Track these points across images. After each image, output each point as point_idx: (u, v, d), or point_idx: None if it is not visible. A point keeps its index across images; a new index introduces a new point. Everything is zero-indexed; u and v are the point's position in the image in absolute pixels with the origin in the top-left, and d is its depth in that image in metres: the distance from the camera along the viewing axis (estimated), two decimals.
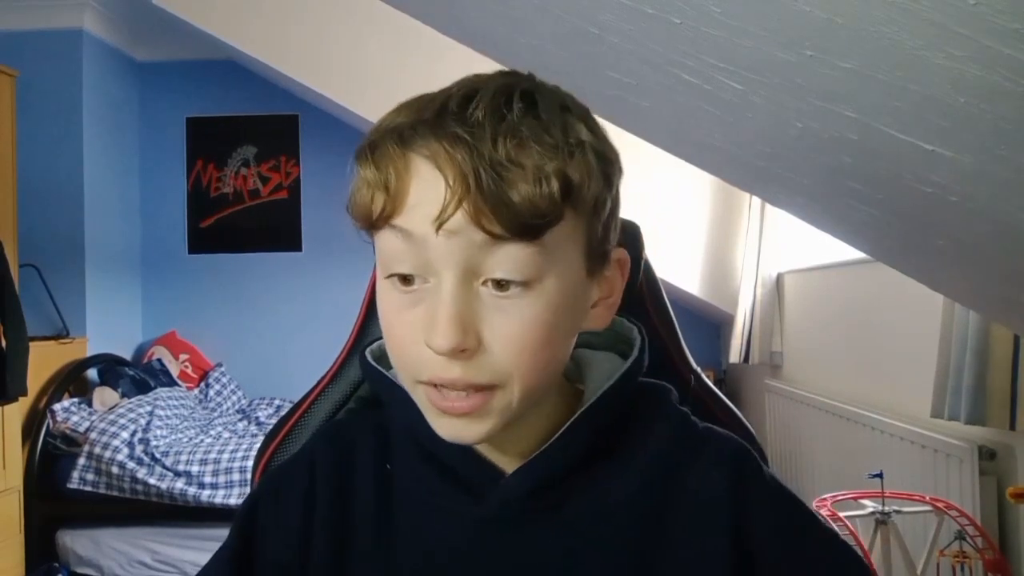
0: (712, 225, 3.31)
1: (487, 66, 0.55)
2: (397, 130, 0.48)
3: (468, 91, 0.48)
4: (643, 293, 0.73)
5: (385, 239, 0.49)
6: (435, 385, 0.49)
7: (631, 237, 0.72)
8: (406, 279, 0.49)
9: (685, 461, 0.56)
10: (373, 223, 0.49)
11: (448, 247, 0.46)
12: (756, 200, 3.02)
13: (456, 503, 0.55)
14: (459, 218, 0.45)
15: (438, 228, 0.46)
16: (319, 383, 0.73)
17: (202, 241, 4.09)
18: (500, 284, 0.47)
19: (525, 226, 0.46)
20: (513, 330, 0.48)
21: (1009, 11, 0.57)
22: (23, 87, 2.93)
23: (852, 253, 2.20)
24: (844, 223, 1.39)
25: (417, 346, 0.48)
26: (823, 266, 2.64)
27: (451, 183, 0.45)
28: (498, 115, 0.47)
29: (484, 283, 0.47)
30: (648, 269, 0.74)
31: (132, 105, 4.02)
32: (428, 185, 0.46)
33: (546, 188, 0.46)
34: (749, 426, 0.72)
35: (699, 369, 0.74)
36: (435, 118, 0.47)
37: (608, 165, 0.51)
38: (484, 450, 0.55)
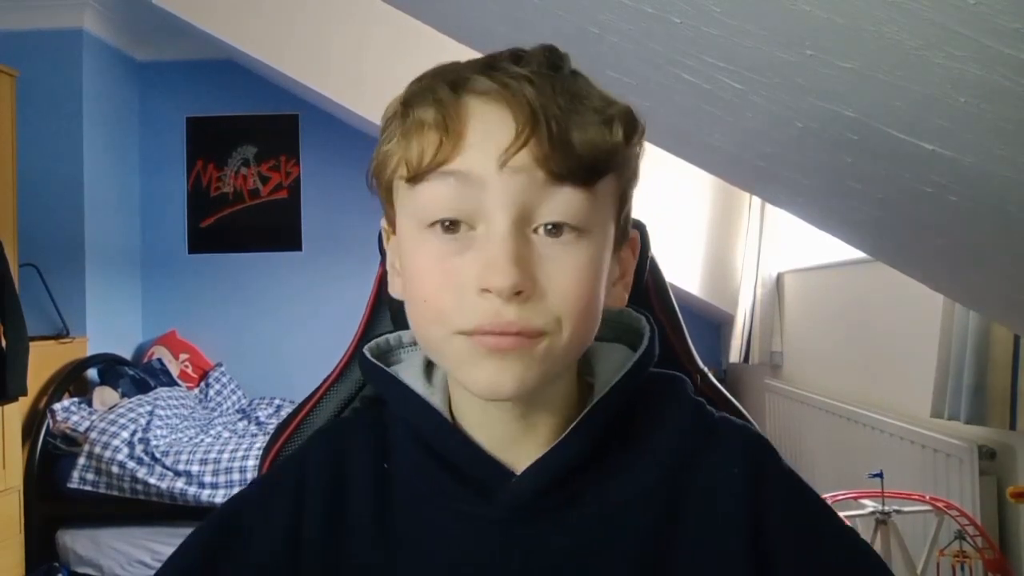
0: (712, 225, 3.31)
1: None
2: (446, 78, 0.48)
3: (512, 52, 0.49)
4: (649, 291, 0.73)
5: (430, 188, 0.48)
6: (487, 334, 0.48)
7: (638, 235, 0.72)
8: (452, 226, 0.48)
9: (700, 453, 0.54)
10: (421, 171, 0.47)
11: (508, 187, 0.46)
12: (756, 200, 3.02)
13: (464, 502, 0.53)
14: (524, 155, 0.46)
15: (503, 164, 0.46)
16: (324, 382, 0.72)
17: (202, 241, 4.09)
18: (554, 229, 0.48)
19: (586, 168, 0.47)
20: (567, 274, 0.48)
21: (1009, 11, 0.57)
22: (23, 87, 2.93)
23: (852, 253, 2.20)
24: (844, 223, 1.39)
25: (464, 294, 0.47)
26: (823, 266, 2.64)
27: (519, 120, 0.46)
28: (553, 67, 0.48)
29: (535, 230, 0.48)
30: (655, 268, 0.74)
31: (132, 105, 4.02)
32: (490, 123, 0.46)
33: (610, 130, 0.47)
34: (756, 427, 0.72)
35: (705, 368, 0.74)
36: (487, 68, 0.48)
37: (642, 137, 0.52)
38: (493, 448, 0.53)
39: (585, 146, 0.46)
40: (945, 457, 1.80)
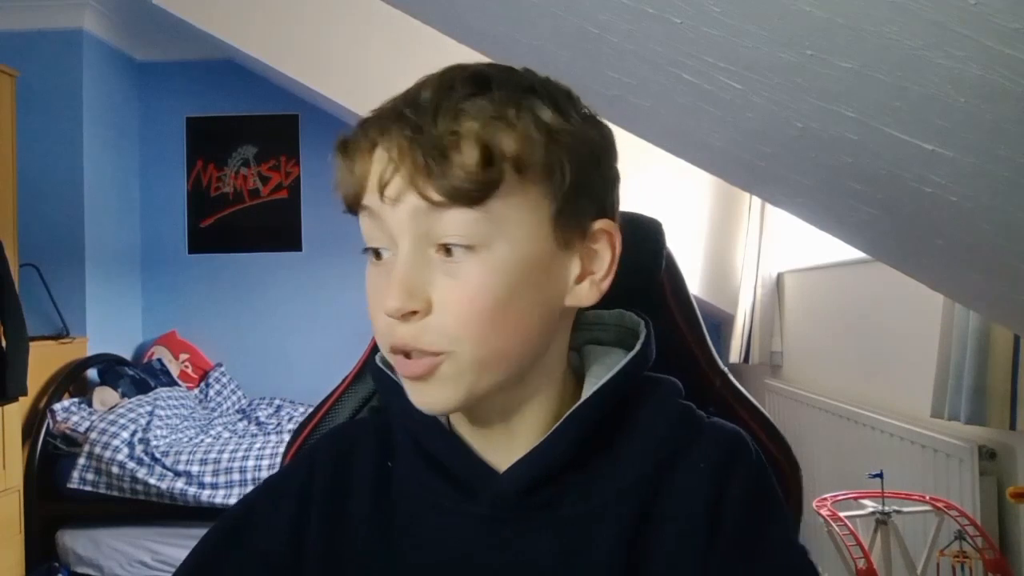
0: (712, 225, 3.31)
1: None
2: (366, 122, 0.53)
3: (425, 79, 0.53)
4: (665, 288, 0.72)
5: (361, 220, 0.53)
6: (401, 354, 0.52)
7: (653, 233, 0.72)
8: (378, 253, 0.53)
9: (680, 457, 0.55)
10: (351, 207, 0.54)
11: (396, 215, 0.50)
12: (756, 200, 3.02)
13: (451, 501, 0.55)
14: (397, 184, 0.49)
15: (380, 195, 0.50)
16: (343, 381, 0.73)
17: (202, 241, 4.09)
18: (447, 249, 0.50)
19: (460, 191, 0.48)
20: (460, 294, 0.50)
21: (1009, 11, 0.57)
22: (23, 87, 2.93)
23: (852, 253, 2.20)
24: (844, 223, 1.39)
25: (381, 316, 0.51)
26: (823, 266, 2.64)
27: (391, 155, 0.50)
28: (442, 95, 0.50)
29: (437, 250, 0.50)
30: (671, 264, 0.73)
31: (132, 105, 4.02)
32: (378, 162, 0.51)
33: (473, 154, 0.48)
34: (779, 430, 0.70)
35: (726, 369, 0.73)
36: (392, 108, 0.52)
37: (572, 138, 0.52)
38: (485, 448, 0.56)
39: (453, 170, 0.48)
40: (945, 457, 1.80)
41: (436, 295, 0.50)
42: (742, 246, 3.18)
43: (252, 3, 3.05)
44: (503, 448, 0.55)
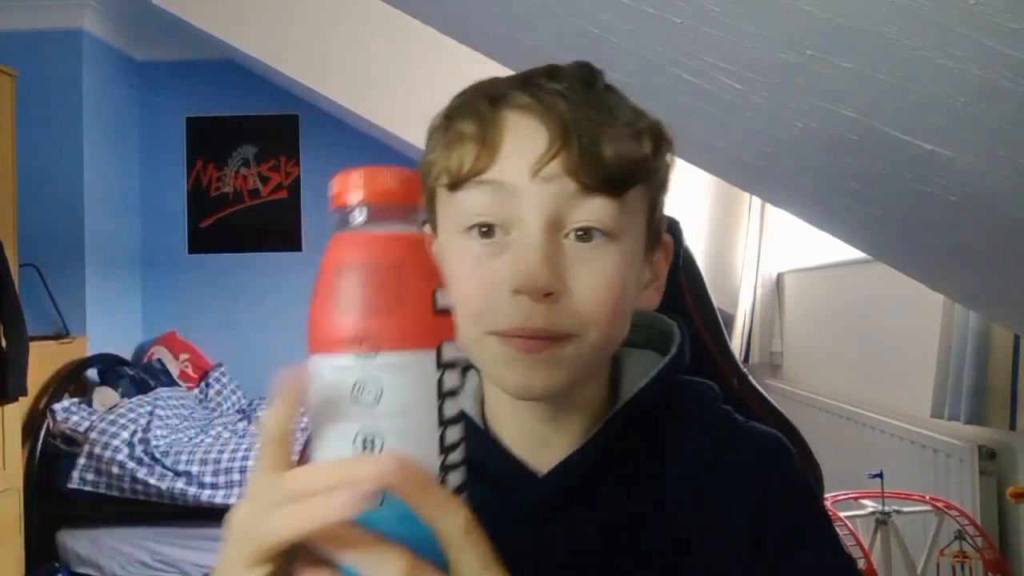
0: (712, 225, 3.31)
1: (489, 66, 0.56)
2: (485, 93, 0.52)
3: (548, 68, 0.52)
4: (682, 284, 0.72)
5: (467, 196, 0.51)
6: (514, 336, 0.50)
7: (671, 230, 0.72)
8: (488, 231, 0.50)
9: (719, 463, 0.55)
10: (460, 179, 0.50)
11: (540, 195, 0.49)
12: (756, 200, 3.02)
13: (486, 500, 0.54)
14: (555, 166, 0.48)
15: (535, 174, 0.48)
16: None
17: (202, 241, 4.09)
18: (583, 235, 0.50)
19: (615, 180, 0.49)
20: (596, 277, 0.49)
21: (1009, 11, 0.57)
22: (23, 87, 2.93)
23: (852, 253, 2.19)
24: (844, 223, 1.39)
25: (498, 296, 0.49)
26: (823, 266, 2.64)
27: (552, 132, 0.48)
28: (586, 84, 0.52)
29: (566, 235, 0.50)
30: (688, 260, 0.73)
31: (132, 105, 4.02)
32: (525, 135, 0.49)
33: (639, 143, 0.50)
34: (799, 431, 0.69)
35: (745, 369, 0.72)
36: (524, 84, 0.51)
37: (672, 150, 0.55)
38: (523, 448, 0.55)
39: (614, 158, 0.49)
40: (945, 457, 1.80)
41: (570, 278, 0.49)
42: (742, 246, 3.18)
43: (252, 3, 3.05)
44: (542, 447, 0.54)
